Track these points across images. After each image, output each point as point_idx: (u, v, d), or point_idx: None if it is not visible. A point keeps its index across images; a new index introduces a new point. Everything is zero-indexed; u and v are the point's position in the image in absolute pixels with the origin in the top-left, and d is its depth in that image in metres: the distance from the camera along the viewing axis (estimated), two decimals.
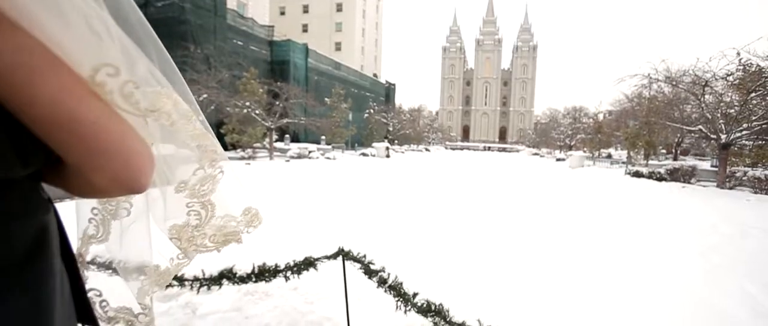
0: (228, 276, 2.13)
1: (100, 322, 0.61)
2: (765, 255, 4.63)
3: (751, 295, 3.16)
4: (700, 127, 14.88)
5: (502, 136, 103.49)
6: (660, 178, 15.96)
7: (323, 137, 26.94)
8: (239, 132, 17.48)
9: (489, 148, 76.55)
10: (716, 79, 14.40)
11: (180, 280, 2.15)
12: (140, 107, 0.44)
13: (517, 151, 66.69)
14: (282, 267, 2.07)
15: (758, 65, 13.46)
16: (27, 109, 0.35)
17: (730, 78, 13.96)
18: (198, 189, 0.62)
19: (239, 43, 25.30)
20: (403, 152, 35.02)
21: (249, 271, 2.11)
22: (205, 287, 2.15)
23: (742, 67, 13.72)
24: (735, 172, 13.73)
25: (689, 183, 15.08)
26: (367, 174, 13.50)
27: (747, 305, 2.95)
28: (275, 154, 19.31)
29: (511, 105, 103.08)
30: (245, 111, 16.52)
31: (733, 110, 13.84)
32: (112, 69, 0.41)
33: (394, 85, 51.99)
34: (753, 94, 13.14)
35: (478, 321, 1.70)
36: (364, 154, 25.98)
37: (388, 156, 26.81)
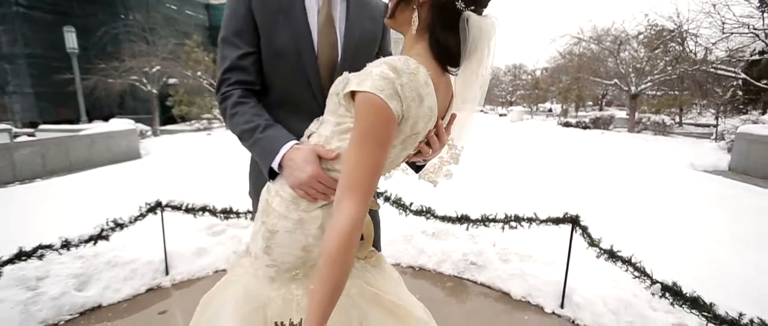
0: (248, 212, 2.82)
1: None
2: (635, 169, 6.21)
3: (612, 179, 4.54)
4: (616, 80, 17.10)
5: None
6: (585, 127, 18.28)
7: None
8: (188, 103, 16.91)
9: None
10: (628, 39, 16.48)
11: (227, 215, 2.76)
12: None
13: None
14: None
15: (662, 25, 15.64)
16: None
17: (640, 37, 16.06)
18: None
19: (173, 7, 23.45)
20: None
21: None
22: (245, 218, 2.81)
23: (650, 27, 15.85)
24: (641, 119, 16.22)
25: (607, 129, 17.51)
26: None
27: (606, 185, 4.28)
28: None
29: None
30: (197, 81, 15.95)
31: (640, 65, 16.08)
32: None
33: None
34: (657, 51, 15.37)
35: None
36: None
37: None
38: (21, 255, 1.99)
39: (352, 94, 0.74)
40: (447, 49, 0.79)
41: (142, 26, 17.71)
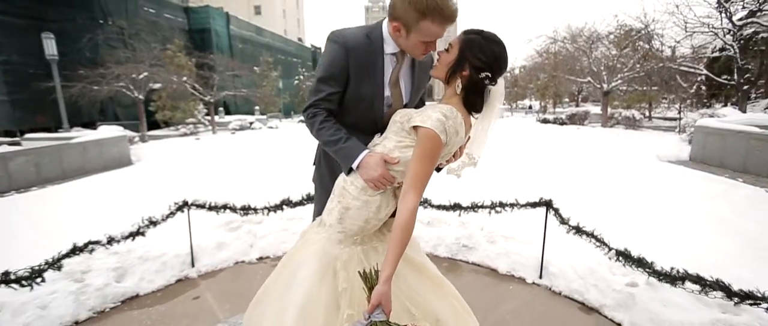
0: (272, 208, 3.14)
1: None
2: (605, 161, 6.80)
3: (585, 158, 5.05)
4: (589, 78, 17.96)
5: (430, 93, 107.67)
6: (562, 123, 19.10)
7: (257, 107, 26.50)
8: (171, 108, 16.81)
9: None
10: (600, 38, 17.34)
11: (246, 211, 3.09)
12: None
13: None
14: (305, 199, 3.12)
15: (630, 25, 16.56)
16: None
17: (610, 36, 16.94)
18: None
19: (151, 10, 23.15)
20: None
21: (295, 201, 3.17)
22: (262, 213, 3.14)
23: (619, 27, 16.75)
24: (614, 114, 17.12)
25: (583, 125, 18.36)
26: None
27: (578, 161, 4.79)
28: (216, 127, 18.95)
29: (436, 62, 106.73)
30: (182, 87, 15.90)
31: (612, 63, 16.97)
32: None
33: (320, 49, 51.01)
34: (626, 49, 16.26)
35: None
36: (302, 121, 26.21)
37: None
38: (75, 250, 2.27)
39: (415, 126, 1.18)
40: (475, 105, 1.25)
41: (122, 31, 17.52)
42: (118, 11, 19.04)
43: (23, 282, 1.99)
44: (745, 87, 16.91)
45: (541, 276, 2.68)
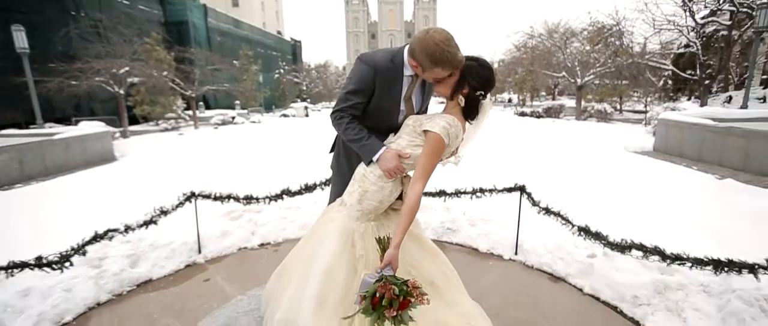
0: (272, 197, 3.40)
1: None
2: (577, 151, 7.32)
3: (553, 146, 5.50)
4: (564, 72, 18.69)
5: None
6: (539, 116, 19.84)
7: (237, 102, 26.22)
8: (150, 103, 16.52)
9: None
10: (574, 34, 18.05)
11: (248, 201, 3.34)
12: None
13: None
14: (303, 188, 3.41)
15: (603, 22, 17.32)
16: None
17: (584, 33, 17.66)
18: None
19: (125, 2, 22.44)
20: (319, 110, 35.59)
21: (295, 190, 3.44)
22: (264, 203, 3.39)
23: (592, 24, 17.48)
24: (587, 107, 17.92)
25: (558, 118, 19.13)
26: (305, 131, 14.43)
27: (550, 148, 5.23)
28: (197, 122, 18.72)
29: None
30: (161, 81, 15.64)
31: (585, 59, 17.72)
32: None
33: (299, 42, 50.43)
34: (598, 45, 17.01)
35: None
36: (284, 116, 26.18)
37: (307, 115, 27.39)
38: (96, 238, 2.48)
39: (425, 130, 1.53)
40: (471, 114, 1.60)
41: (96, 24, 17.03)
42: (91, 3, 18.46)
43: (54, 266, 2.19)
44: (706, 82, 17.99)
45: (516, 253, 3.05)
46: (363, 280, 1.34)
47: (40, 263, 2.13)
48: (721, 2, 17.12)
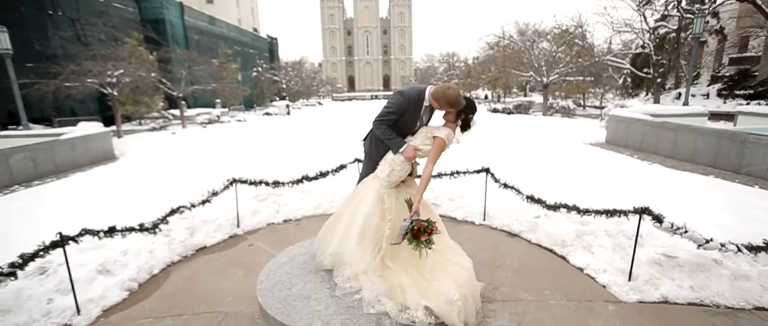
0: (295, 181, 4.26)
1: None
2: (539, 142, 8.49)
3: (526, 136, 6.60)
4: (531, 72, 20.11)
5: (386, 83, 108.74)
6: (510, 112, 21.21)
7: (218, 100, 26.38)
8: (133, 103, 16.69)
9: (376, 97, 79.91)
10: (541, 35, 19.46)
11: (275, 185, 4.19)
12: None
13: None
14: (319, 175, 4.30)
15: (566, 24, 18.79)
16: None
17: (549, 35, 19.09)
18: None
19: (100, 0, 22.21)
20: (299, 108, 36.02)
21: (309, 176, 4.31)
22: (287, 186, 4.25)
23: (556, 26, 18.93)
24: (553, 104, 19.40)
25: (527, 114, 20.56)
26: (292, 128, 15.10)
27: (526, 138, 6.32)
28: (182, 121, 18.93)
29: (391, 53, 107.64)
30: (149, 80, 15.90)
31: (551, 59, 19.18)
32: None
33: (276, 39, 50.29)
34: (562, 46, 18.48)
35: None
36: (267, 114, 26.60)
37: (288, 113, 27.89)
38: (172, 213, 3.28)
39: (434, 136, 2.49)
40: (464, 130, 2.64)
41: (73, 22, 17.00)
42: (69, 3, 18.33)
43: (150, 230, 3.00)
44: (659, 79, 19.85)
45: (484, 219, 4.05)
46: (401, 225, 2.27)
47: (142, 228, 2.93)
48: (668, 8, 18.96)
